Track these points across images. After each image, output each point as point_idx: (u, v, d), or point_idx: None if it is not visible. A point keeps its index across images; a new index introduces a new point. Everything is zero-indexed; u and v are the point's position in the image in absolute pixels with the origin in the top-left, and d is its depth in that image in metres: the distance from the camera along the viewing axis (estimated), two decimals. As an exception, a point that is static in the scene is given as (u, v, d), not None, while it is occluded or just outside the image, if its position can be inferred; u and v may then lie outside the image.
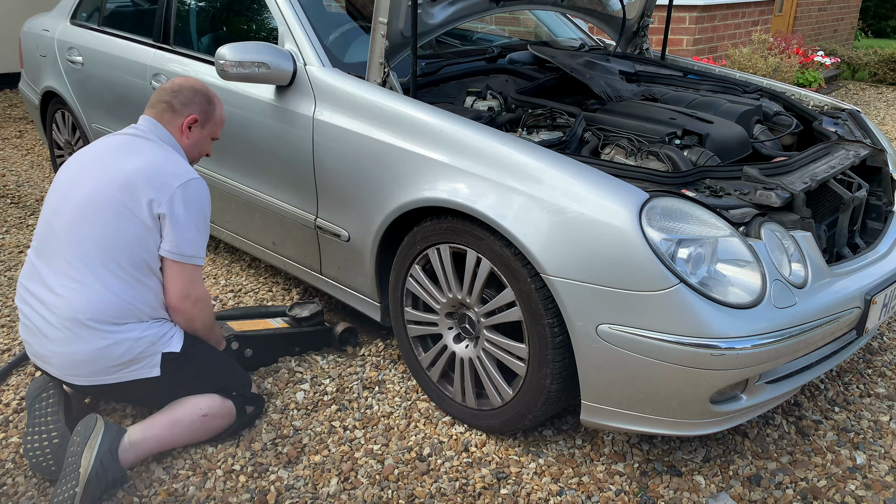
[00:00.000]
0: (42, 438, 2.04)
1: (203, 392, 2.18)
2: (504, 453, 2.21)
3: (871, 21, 16.52)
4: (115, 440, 2.00)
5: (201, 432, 2.16)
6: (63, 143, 4.14)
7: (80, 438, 1.96)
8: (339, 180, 2.46)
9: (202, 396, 2.17)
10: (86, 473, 1.91)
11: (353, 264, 2.53)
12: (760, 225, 1.95)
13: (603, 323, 1.87)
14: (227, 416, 2.20)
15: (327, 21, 2.84)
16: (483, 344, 2.19)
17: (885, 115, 7.17)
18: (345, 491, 2.06)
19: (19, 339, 2.80)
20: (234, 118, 2.80)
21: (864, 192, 2.37)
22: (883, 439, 2.29)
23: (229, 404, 2.20)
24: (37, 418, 2.08)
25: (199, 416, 2.14)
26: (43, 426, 2.06)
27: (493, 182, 2.03)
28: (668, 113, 2.49)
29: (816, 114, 2.81)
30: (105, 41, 3.54)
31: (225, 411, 2.19)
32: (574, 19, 3.82)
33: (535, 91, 2.77)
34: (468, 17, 2.76)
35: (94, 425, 1.99)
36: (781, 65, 6.78)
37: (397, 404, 2.43)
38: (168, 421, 2.11)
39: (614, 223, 1.84)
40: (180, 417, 2.12)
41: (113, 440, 1.99)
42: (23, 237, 3.80)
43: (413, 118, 2.24)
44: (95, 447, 1.95)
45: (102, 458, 1.95)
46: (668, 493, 2.06)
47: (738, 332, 1.81)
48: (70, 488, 1.89)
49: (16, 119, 6.39)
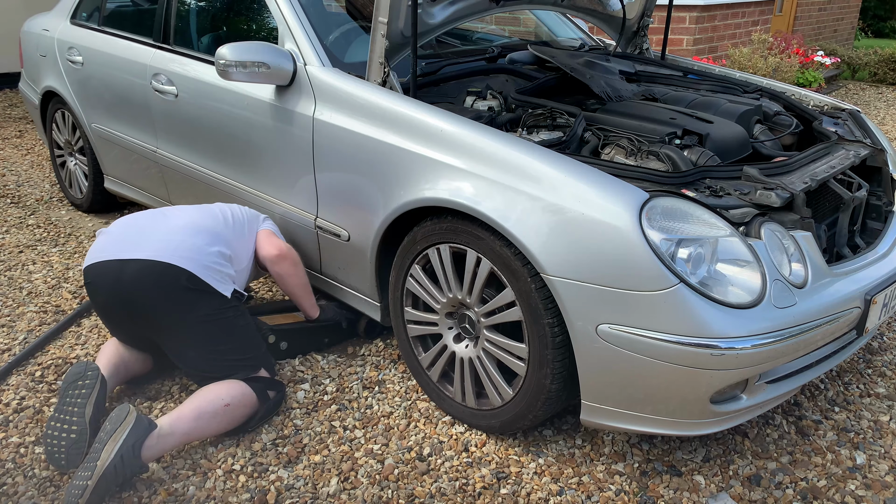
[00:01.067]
0: (62, 429, 2.05)
1: (235, 347, 2.26)
2: (504, 453, 2.21)
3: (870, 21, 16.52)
4: (142, 436, 2.00)
5: (226, 422, 2.18)
6: (63, 143, 4.14)
7: (110, 427, 1.97)
8: (339, 180, 2.46)
9: (222, 385, 2.20)
10: (102, 467, 1.91)
11: (354, 264, 2.53)
12: (760, 225, 1.95)
13: (603, 323, 1.87)
14: (249, 404, 2.22)
15: (327, 21, 2.84)
16: (483, 344, 2.19)
17: (885, 115, 7.17)
18: (345, 491, 2.06)
19: (19, 339, 2.81)
20: (234, 118, 2.80)
21: (864, 192, 2.37)
22: (883, 439, 2.30)
23: (249, 391, 2.23)
24: (66, 405, 2.08)
25: (221, 406, 2.16)
26: (67, 416, 2.06)
27: (493, 182, 2.03)
28: (668, 113, 2.49)
29: (816, 114, 2.81)
30: (105, 41, 3.54)
31: (247, 399, 2.21)
32: (574, 19, 3.82)
33: (535, 91, 2.77)
34: (468, 17, 2.76)
35: (125, 418, 1.99)
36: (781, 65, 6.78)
37: (397, 404, 2.43)
38: (192, 413, 2.12)
39: (614, 223, 1.84)
40: (204, 409, 2.14)
41: (139, 436, 1.99)
42: (23, 237, 3.80)
43: (413, 118, 2.24)
44: (120, 441, 1.96)
45: (124, 454, 1.95)
46: (668, 493, 2.06)
47: (738, 332, 1.81)
48: (84, 479, 1.90)
49: (16, 119, 6.39)
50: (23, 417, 2.34)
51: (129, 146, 3.48)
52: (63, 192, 4.36)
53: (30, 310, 3.04)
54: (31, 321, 2.95)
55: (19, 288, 3.24)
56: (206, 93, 2.91)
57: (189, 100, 3.01)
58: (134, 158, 3.50)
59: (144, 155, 3.39)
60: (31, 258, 3.55)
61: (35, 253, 3.62)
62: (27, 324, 2.93)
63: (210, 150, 2.99)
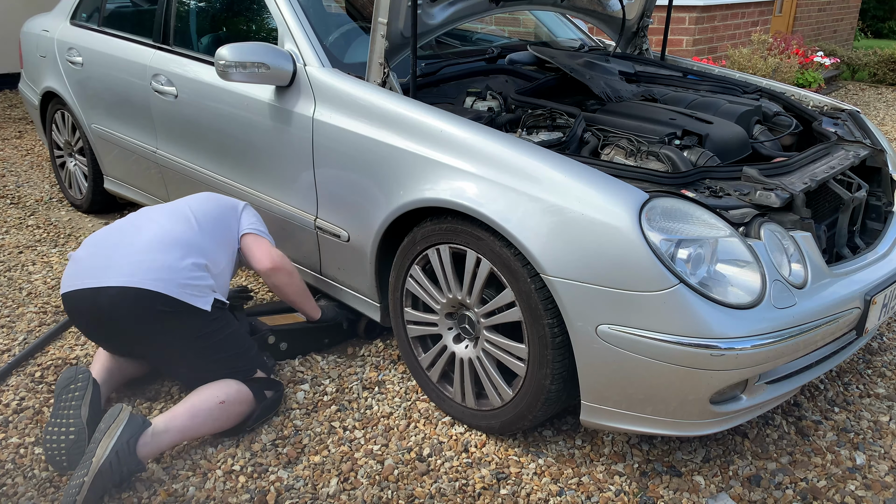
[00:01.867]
0: (60, 432, 2.04)
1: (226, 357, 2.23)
2: (504, 454, 2.21)
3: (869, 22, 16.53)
4: (137, 433, 2.01)
5: (223, 419, 2.18)
6: (63, 143, 4.14)
7: (104, 425, 1.98)
8: (338, 181, 2.46)
9: (217, 384, 2.20)
10: (98, 463, 1.92)
11: (353, 265, 2.53)
12: (760, 225, 1.96)
13: (603, 323, 1.87)
14: (245, 401, 2.21)
15: (327, 21, 2.84)
16: (483, 344, 2.19)
17: (884, 116, 7.17)
18: (344, 491, 2.06)
19: (19, 339, 2.81)
20: (234, 119, 2.80)
21: (863, 192, 2.37)
22: (883, 440, 2.30)
23: (245, 389, 2.22)
24: (61, 409, 2.08)
25: (216, 404, 2.15)
26: (64, 419, 2.06)
27: (493, 182, 2.03)
28: (668, 113, 2.49)
29: (816, 114, 2.81)
30: (105, 41, 3.54)
31: (242, 396, 2.21)
32: (574, 20, 3.82)
33: (535, 91, 2.77)
34: (468, 17, 2.76)
35: (118, 415, 2.01)
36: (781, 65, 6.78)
37: (397, 404, 2.43)
38: (187, 412, 2.12)
39: (614, 223, 1.84)
40: (199, 407, 2.14)
41: (134, 432, 2.00)
42: (22, 237, 3.80)
43: (413, 119, 2.24)
44: (114, 437, 1.96)
45: (119, 450, 1.95)
46: (668, 494, 2.06)
47: (738, 332, 1.81)
48: (81, 476, 1.90)
49: (16, 119, 6.39)
50: (22, 418, 2.34)
51: (129, 147, 3.48)
52: (63, 192, 4.36)
53: (29, 310, 3.04)
54: (31, 322, 2.95)
55: (19, 288, 3.24)
56: (205, 93, 2.91)
57: (189, 100, 3.01)
58: (134, 159, 3.50)
59: (144, 155, 3.39)
60: (30, 259, 3.55)
61: (35, 253, 3.62)
62: (27, 324, 2.93)
63: (210, 150, 2.99)
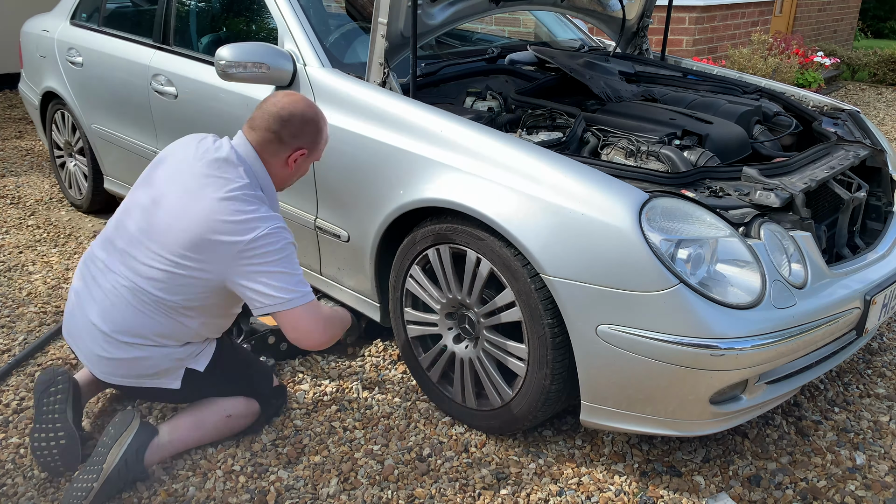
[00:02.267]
0: (49, 438, 2.04)
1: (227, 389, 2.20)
2: (504, 453, 2.21)
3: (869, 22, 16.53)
4: (146, 442, 2.02)
5: (226, 431, 2.19)
6: (63, 143, 4.14)
7: (114, 431, 1.99)
8: (338, 181, 2.46)
9: (226, 398, 2.19)
10: (108, 470, 1.93)
11: (353, 265, 2.53)
12: (760, 225, 1.96)
13: (603, 323, 1.87)
14: (251, 414, 2.22)
15: (327, 21, 2.84)
16: (483, 344, 2.19)
17: (884, 116, 7.17)
18: (345, 491, 2.06)
19: (19, 339, 2.81)
20: (234, 119, 2.80)
21: (863, 192, 2.37)
22: (883, 440, 2.30)
23: (254, 403, 2.23)
24: (44, 415, 2.07)
25: (223, 417, 2.17)
26: (50, 424, 2.06)
27: (493, 182, 2.03)
28: (668, 113, 2.49)
29: (816, 114, 2.81)
30: (105, 42, 3.54)
31: (249, 410, 2.22)
32: (574, 20, 3.82)
33: (535, 91, 2.77)
34: (468, 17, 2.76)
35: (129, 423, 2.01)
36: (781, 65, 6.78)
37: (397, 405, 2.43)
38: (193, 423, 2.14)
39: (614, 223, 1.84)
40: (205, 419, 2.15)
41: (143, 442, 2.02)
42: (22, 237, 3.80)
43: (413, 118, 2.24)
44: (124, 446, 1.97)
45: (128, 458, 1.97)
46: (668, 494, 2.06)
47: (738, 332, 1.81)
48: (90, 481, 1.91)
49: (16, 119, 6.39)
50: (22, 418, 2.34)
51: (129, 147, 3.48)
52: (63, 192, 4.36)
53: (29, 310, 3.04)
54: (31, 322, 2.95)
55: (19, 289, 3.24)
56: (205, 93, 2.92)
57: (189, 100, 3.01)
58: (134, 159, 3.50)
59: (144, 156, 3.39)
60: (30, 259, 3.55)
61: (35, 254, 3.62)
62: (27, 324, 2.93)
63: (210, 150, 2.98)
